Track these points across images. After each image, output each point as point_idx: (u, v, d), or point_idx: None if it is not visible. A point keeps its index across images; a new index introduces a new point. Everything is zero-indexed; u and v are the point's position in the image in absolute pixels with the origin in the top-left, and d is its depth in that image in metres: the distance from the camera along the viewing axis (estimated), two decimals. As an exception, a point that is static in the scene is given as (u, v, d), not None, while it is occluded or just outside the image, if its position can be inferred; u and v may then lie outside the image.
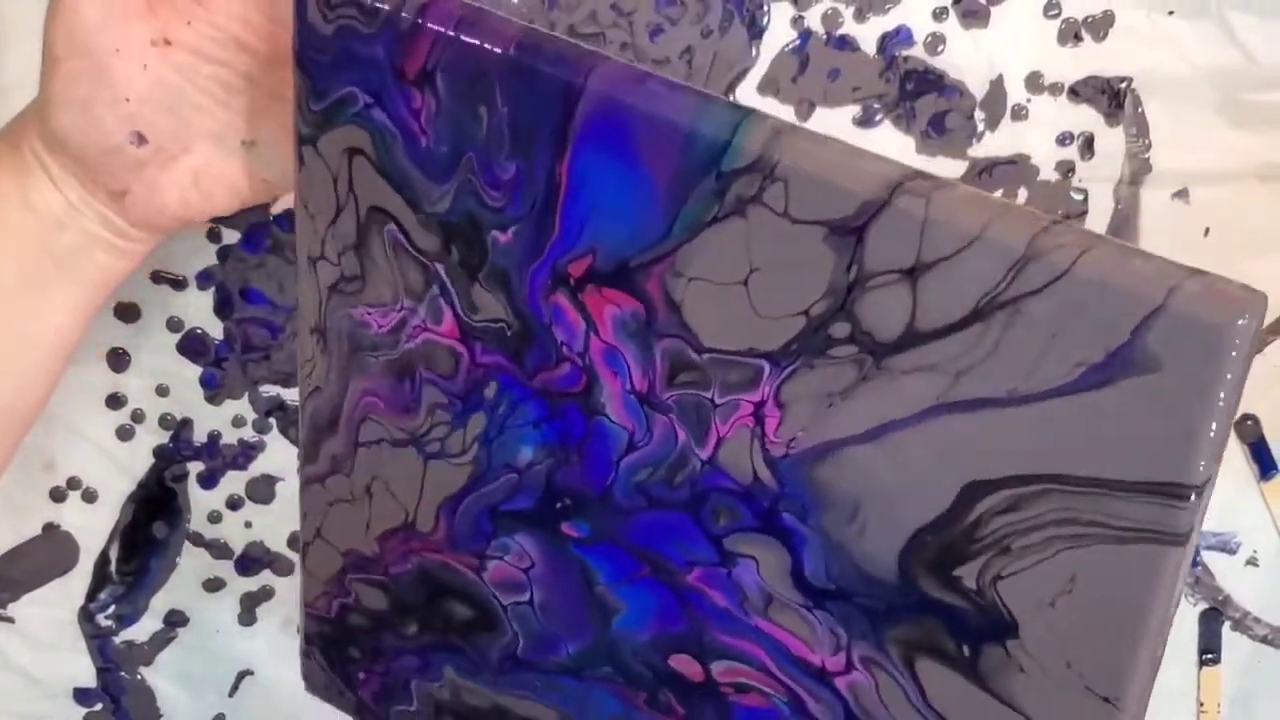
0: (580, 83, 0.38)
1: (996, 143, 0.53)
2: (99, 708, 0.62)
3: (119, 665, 0.61)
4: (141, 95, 0.45)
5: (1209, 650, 0.59)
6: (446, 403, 0.45)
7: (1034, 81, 0.51)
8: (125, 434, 0.58)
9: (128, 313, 0.56)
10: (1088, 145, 0.53)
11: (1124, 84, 0.51)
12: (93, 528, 0.60)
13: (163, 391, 0.58)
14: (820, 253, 0.36)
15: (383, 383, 0.46)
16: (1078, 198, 0.54)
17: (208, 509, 0.59)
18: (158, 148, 0.46)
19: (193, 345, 0.57)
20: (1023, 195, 0.54)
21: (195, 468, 0.59)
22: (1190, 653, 0.59)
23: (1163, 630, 0.36)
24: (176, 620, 0.61)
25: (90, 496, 0.59)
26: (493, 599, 0.47)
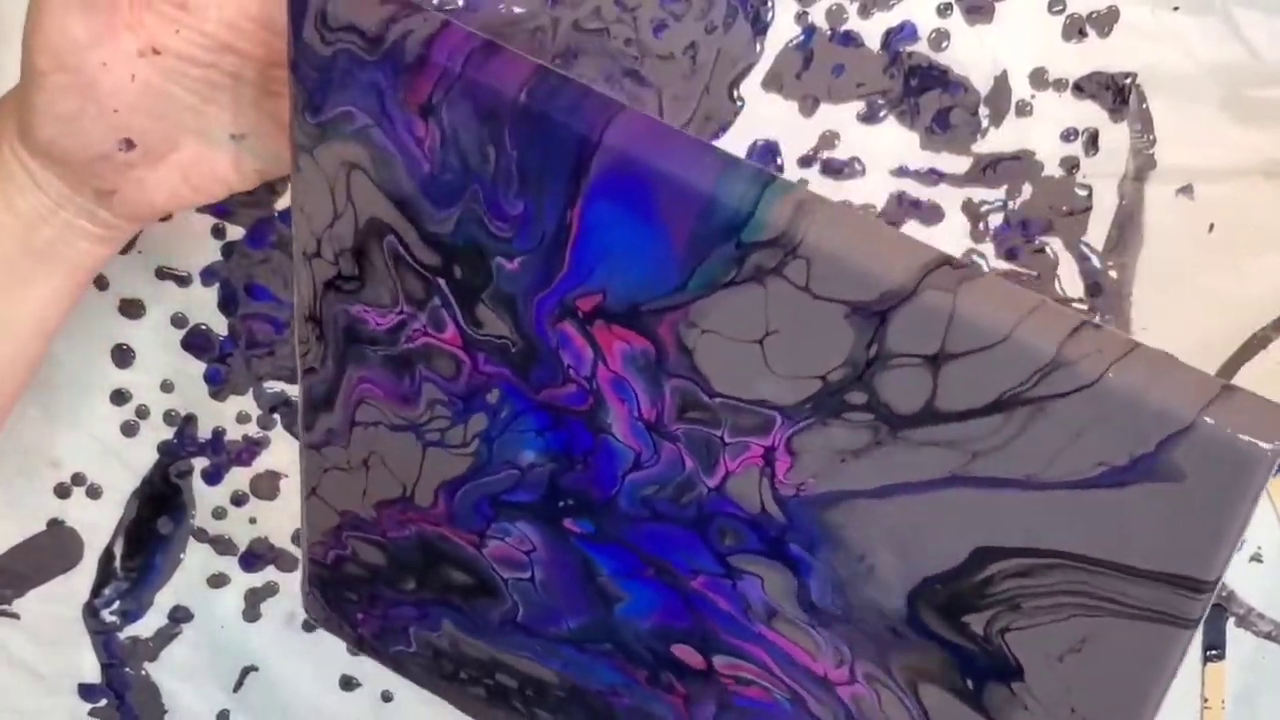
0: (596, 136, 0.36)
1: (1001, 139, 0.53)
2: (103, 704, 0.62)
3: (123, 661, 0.61)
4: (129, 104, 0.44)
5: (1213, 646, 0.59)
6: (447, 400, 0.44)
7: (1038, 77, 0.51)
8: (130, 430, 0.58)
9: (132, 309, 0.56)
10: (1092, 141, 0.53)
11: (1128, 80, 0.51)
12: (97, 523, 0.60)
13: (167, 387, 0.58)
14: (840, 328, 0.35)
15: (381, 374, 0.45)
16: (1082, 194, 0.54)
17: (212, 505, 0.59)
18: (145, 150, 0.45)
19: (197, 341, 0.57)
20: (1027, 191, 0.53)
21: (200, 463, 0.59)
22: (1194, 649, 0.59)
23: (1162, 694, 0.36)
24: (181, 616, 0.61)
25: (95, 492, 0.59)
26: (492, 571, 0.46)
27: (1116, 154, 0.53)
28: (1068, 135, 0.53)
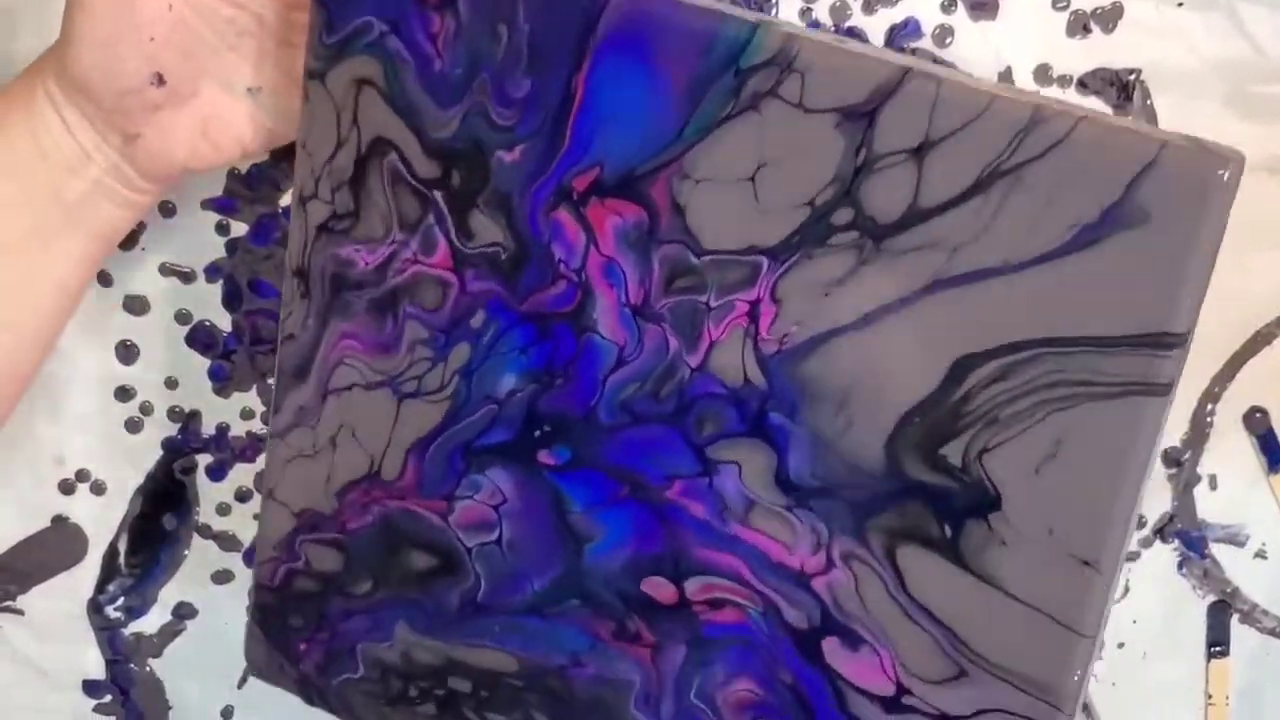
0: None
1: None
2: (108, 699, 0.62)
3: (128, 657, 0.62)
4: (164, 36, 0.45)
5: (1217, 643, 0.59)
6: (429, 337, 0.46)
7: (1042, 74, 0.51)
8: (134, 426, 0.58)
9: (136, 305, 0.57)
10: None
11: (1133, 76, 0.51)
12: (101, 520, 0.60)
13: (171, 384, 0.58)
14: (830, 139, 0.38)
15: (364, 322, 0.47)
16: (1086, 190, 0.54)
17: (216, 501, 0.59)
18: (172, 90, 0.47)
19: (201, 338, 0.57)
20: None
21: (204, 460, 0.59)
22: (1199, 645, 0.59)
23: (1138, 489, 0.38)
24: (185, 612, 0.61)
25: (99, 489, 0.59)
26: (457, 543, 0.47)
27: (1121, 150, 0.53)
28: (1072, 131, 0.53)
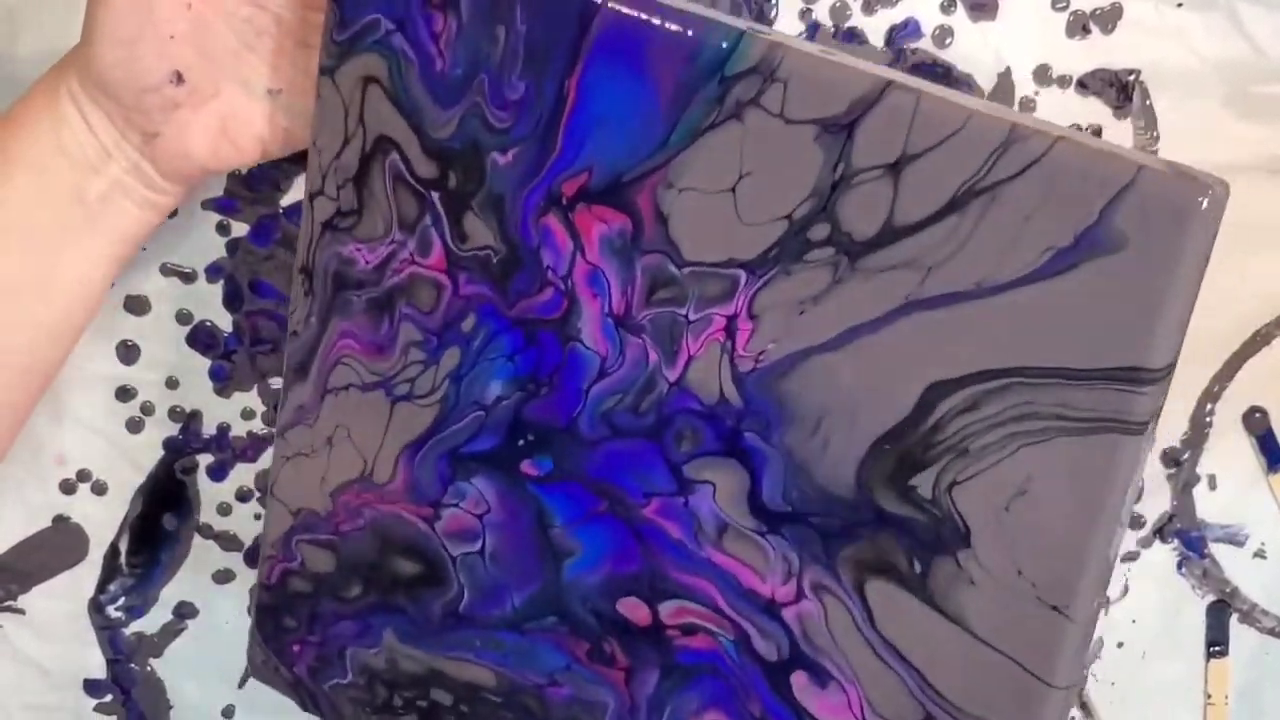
0: None
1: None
2: (109, 699, 0.62)
3: (129, 656, 0.62)
4: (183, 34, 0.46)
5: (1216, 642, 0.59)
6: (421, 340, 0.46)
7: (1042, 74, 0.51)
8: (135, 426, 0.58)
9: (137, 305, 0.57)
10: (1096, 138, 0.53)
11: (1132, 76, 0.51)
12: (102, 520, 0.60)
13: (172, 384, 0.58)
14: (810, 152, 0.38)
15: (362, 322, 0.47)
16: (1086, 190, 0.54)
17: (217, 501, 0.60)
18: (192, 89, 0.47)
19: (202, 338, 0.57)
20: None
21: (205, 460, 0.59)
22: (1198, 645, 0.59)
23: (1113, 534, 0.36)
24: (186, 612, 0.61)
25: (100, 489, 0.59)
26: (442, 550, 0.48)
27: (1120, 150, 0.53)
28: (1071, 132, 0.53)
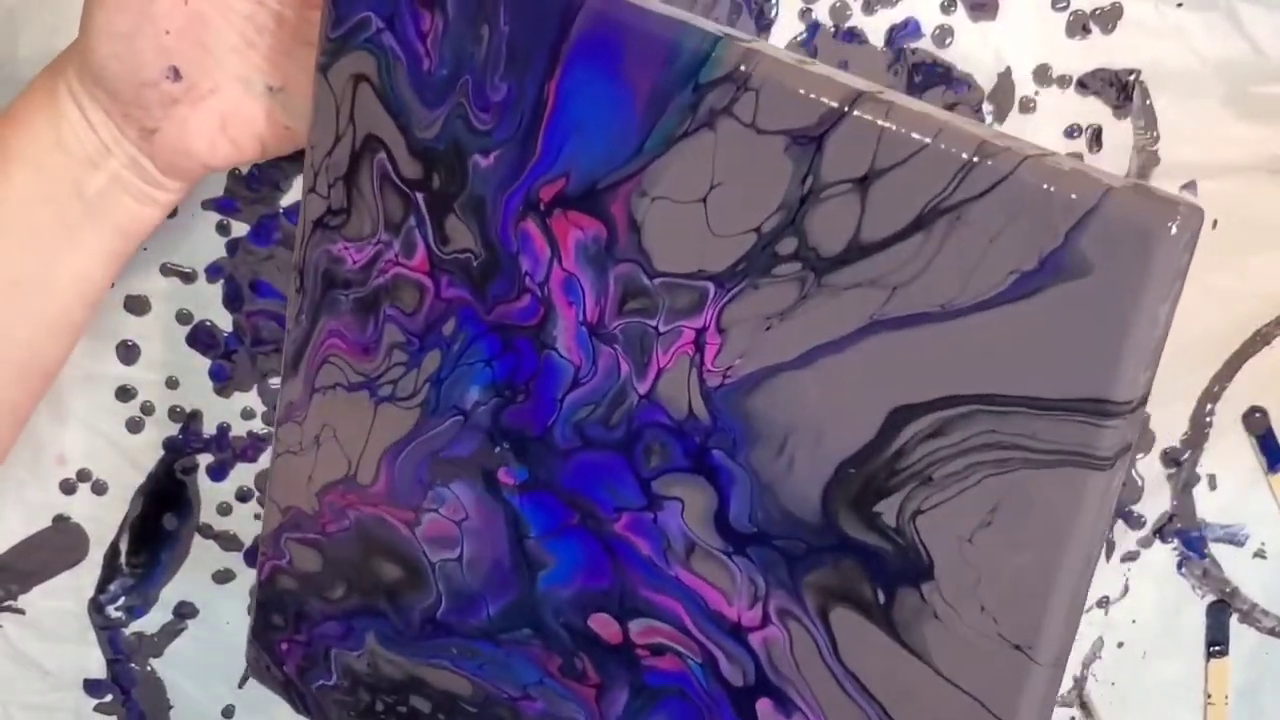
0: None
1: (1004, 135, 0.53)
2: (109, 699, 0.62)
3: (129, 656, 0.62)
4: (180, 29, 0.46)
5: (1216, 642, 0.59)
6: (404, 341, 0.46)
7: (1042, 74, 0.51)
8: (135, 426, 0.58)
9: (137, 305, 0.57)
10: (1096, 138, 0.53)
11: (1132, 76, 0.51)
12: (103, 519, 0.60)
13: (172, 384, 0.58)
14: (780, 164, 0.38)
15: (349, 321, 0.48)
16: (1086, 190, 0.54)
17: (217, 501, 0.60)
18: (190, 85, 0.47)
19: (202, 338, 0.57)
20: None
21: (205, 460, 0.59)
22: (1198, 645, 0.59)
23: (1083, 571, 0.35)
24: (186, 612, 0.61)
25: (100, 488, 0.59)
26: (422, 556, 0.48)
27: (1120, 151, 0.53)
28: (1071, 132, 0.53)
